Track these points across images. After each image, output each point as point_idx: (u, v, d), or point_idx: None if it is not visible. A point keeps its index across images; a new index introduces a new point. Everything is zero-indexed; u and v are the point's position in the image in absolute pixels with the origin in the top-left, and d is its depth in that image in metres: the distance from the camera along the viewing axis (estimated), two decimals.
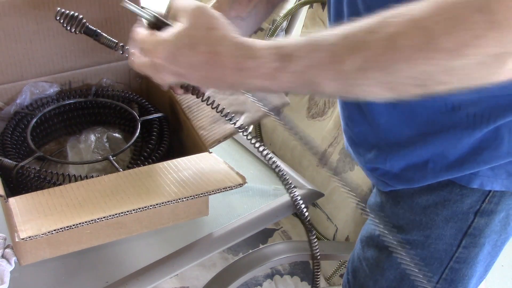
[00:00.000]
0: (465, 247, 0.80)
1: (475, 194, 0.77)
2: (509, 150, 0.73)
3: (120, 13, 1.04)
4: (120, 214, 0.74)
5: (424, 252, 0.82)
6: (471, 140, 0.74)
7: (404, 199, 0.82)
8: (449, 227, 0.80)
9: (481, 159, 0.74)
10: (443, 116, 0.73)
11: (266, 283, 1.20)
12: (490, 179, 0.76)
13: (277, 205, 0.99)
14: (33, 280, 0.84)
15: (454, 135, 0.74)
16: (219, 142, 0.89)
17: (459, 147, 0.74)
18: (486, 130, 0.72)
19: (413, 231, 0.82)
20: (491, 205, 0.78)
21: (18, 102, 1.02)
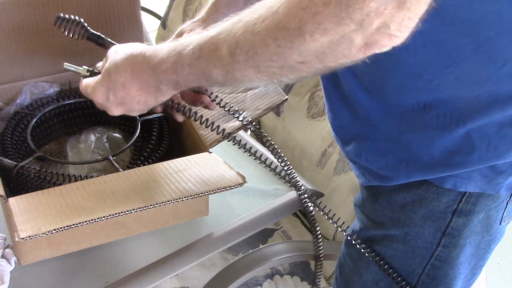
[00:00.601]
0: (444, 246, 0.80)
1: (451, 193, 0.78)
2: (480, 156, 0.73)
3: (120, 13, 1.04)
4: (120, 213, 0.74)
5: (405, 247, 0.83)
6: (442, 142, 0.74)
7: (383, 196, 0.83)
8: (427, 226, 0.80)
9: (453, 163, 0.75)
10: (415, 115, 0.73)
11: (266, 283, 1.20)
12: (463, 180, 0.76)
13: (277, 205, 1.00)
14: (33, 280, 0.84)
15: (426, 135, 0.74)
16: (219, 142, 0.90)
17: (431, 149, 0.75)
18: (456, 133, 0.72)
19: (393, 228, 0.83)
20: (469, 205, 0.78)
21: (18, 102, 1.02)
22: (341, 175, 1.21)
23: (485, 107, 0.70)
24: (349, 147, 0.84)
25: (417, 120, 0.74)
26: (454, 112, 0.71)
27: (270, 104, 0.92)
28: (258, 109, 0.91)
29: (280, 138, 1.41)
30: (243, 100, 0.93)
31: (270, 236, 1.31)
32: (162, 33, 1.82)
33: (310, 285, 1.22)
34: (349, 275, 0.90)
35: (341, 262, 0.93)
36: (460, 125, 0.72)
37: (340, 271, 0.93)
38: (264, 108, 0.91)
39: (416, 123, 0.74)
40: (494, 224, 0.80)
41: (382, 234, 0.85)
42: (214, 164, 0.86)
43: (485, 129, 0.72)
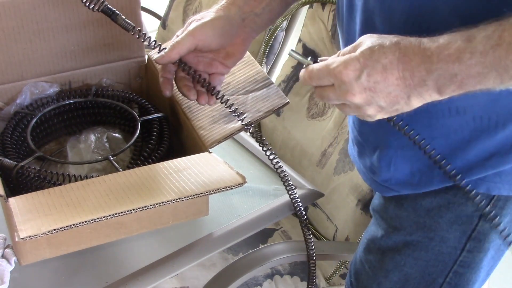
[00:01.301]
0: (469, 251, 0.79)
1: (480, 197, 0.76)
2: None
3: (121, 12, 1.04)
4: (120, 213, 0.74)
5: (428, 255, 0.82)
6: (479, 145, 0.72)
7: (408, 201, 0.82)
8: (453, 230, 0.79)
9: (490, 164, 0.73)
10: (447, 120, 0.72)
11: (266, 283, 1.20)
12: (497, 185, 0.75)
13: (277, 205, 1.00)
14: (33, 280, 0.84)
15: (462, 138, 0.72)
16: (219, 142, 0.90)
17: (466, 152, 0.73)
18: (495, 135, 0.71)
19: (417, 232, 0.81)
20: (496, 209, 0.77)
21: (18, 102, 1.02)
22: (341, 175, 1.21)
23: None
24: (374, 157, 0.82)
25: (451, 125, 0.72)
26: (492, 115, 0.69)
27: (272, 107, 0.92)
28: (260, 111, 0.91)
29: (280, 138, 1.41)
30: (244, 102, 0.93)
31: (270, 236, 1.31)
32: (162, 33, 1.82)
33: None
34: (367, 282, 0.89)
35: (358, 268, 0.91)
36: (499, 127, 0.70)
37: (356, 278, 0.92)
38: (265, 110, 0.91)
39: (449, 127, 0.72)
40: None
41: (403, 240, 0.83)
42: (214, 164, 0.85)
43: None
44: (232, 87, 0.95)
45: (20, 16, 0.96)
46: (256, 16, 0.83)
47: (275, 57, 1.53)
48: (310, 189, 1.05)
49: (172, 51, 0.80)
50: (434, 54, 0.59)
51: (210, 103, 0.86)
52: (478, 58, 0.57)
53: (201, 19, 0.81)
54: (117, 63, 1.09)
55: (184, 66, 0.82)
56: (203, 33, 0.80)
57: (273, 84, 0.96)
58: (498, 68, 0.56)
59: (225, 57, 0.84)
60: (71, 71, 1.06)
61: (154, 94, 1.10)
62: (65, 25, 1.01)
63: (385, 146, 0.80)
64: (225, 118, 0.91)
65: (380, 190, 0.85)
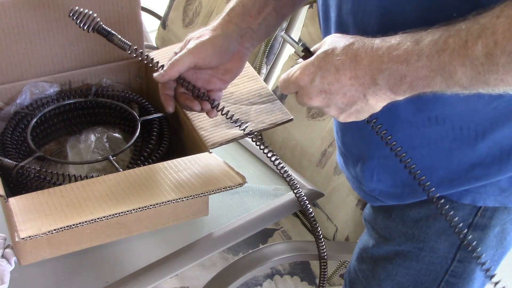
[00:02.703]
0: (460, 261, 0.79)
1: (467, 207, 0.76)
2: (500, 168, 0.72)
3: (120, 13, 1.04)
4: (120, 213, 0.74)
5: (419, 265, 0.82)
6: (461, 155, 0.72)
7: (396, 212, 0.81)
8: (442, 240, 0.79)
9: (472, 175, 0.73)
10: (427, 129, 0.71)
11: (266, 283, 1.20)
12: (482, 196, 0.75)
13: (277, 205, 1.00)
14: (33, 280, 0.84)
15: (442, 148, 0.72)
16: (220, 145, 0.89)
17: (449, 162, 0.73)
18: (476, 145, 0.71)
19: (406, 243, 0.81)
20: (484, 219, 0.76)
21: (18, 102, 1.02)
22: (341, 175, 1.21)
23: (504, 117, 0.68)
24: (357, 168, 0.82)
25: (430, 135, 0.72)
26: (471, 125, 0.69)
27: (275, 121, 0.92)
28: (263, 122, 0.92)
29: (280, 138, 1.41)
30: (247, 112, 0.93)
31: (270, 236, 1.31)
32: (162, 33, 1.82)
33: (310, 285, 1.22)
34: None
35: (352, 277, 0.92)
36: (479, 137, 0.70)
37: (351, 287, 0.92)
38: (269, 123, 0.92)
39: (429, 137, 0.72)
40: (508, 237, 0.80)
41: (394, 250, 0.83)
42: (214, 164, 0.85)
43: (505, 140, 0.70)
44: (236, 96, 0.95)
45: (20, 16, 0.96)
46: (253, 32, 0.83)
47: (275, 57, 1.53)
48: (310, 189, 1.05)
49: (172, 69, 0.80)
50: (385, 54, 0.60)
51: (211, 116, 0.86)
52: (424, 61, 0.58)
53: (199, 37, 0.82)
54: (117, 63, 1.09)
55: (183, 82, 0.82)
56: (203, 51, 0.80)
57: (277, 101, 0.96)
58: (443, 73, 0.57)
59: (224, 73, 0.84)
60: (71, 71, 1.06)
61: (154, 94, 1.10)
62: (65, 25, 1.01)
63: (367, 157, 0.80)
64: (227, 124, 0.92)
65: (368, 199, 0.85)
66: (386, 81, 0.61)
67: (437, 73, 0.58)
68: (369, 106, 0.65)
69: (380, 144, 0.71)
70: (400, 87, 0.61)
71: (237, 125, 0.83)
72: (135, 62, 1.10)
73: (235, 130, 0.90)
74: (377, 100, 0.64)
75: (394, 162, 0.74)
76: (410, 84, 0.60)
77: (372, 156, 0.79)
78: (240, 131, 0.87)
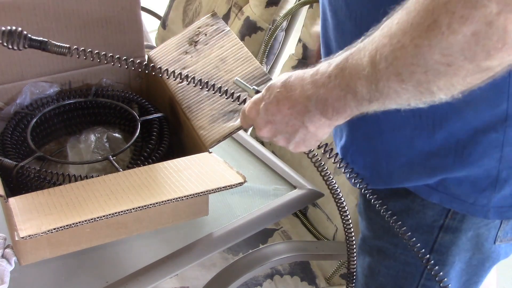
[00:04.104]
0: (434, 264, 0.79)
1: (437, 207, 0.77)
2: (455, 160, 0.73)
3: (120, 13, 1.04)
4: (120, 213, 0.74)
5: (397, 264, 0.82)
6: (420, 143, 0.73)
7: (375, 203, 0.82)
8: (415, 238, 0.78)
9: (429, 165, 0.74)
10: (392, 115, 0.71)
11: (266, 283, 1.20)
12: (448, 197, 0.75)
13: (277, 205, 0.99)
14: (33, 280, 0.84)
15: (405, 134, 0.74)
16: (218, 142, 0.90)
17: (410, 149, 0.74)
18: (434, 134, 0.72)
19: (384, 237, 0.82)
20: (455, 222, 0.77)
21: (18, 102, 1.02)
22: (341, 175, 1.21)
23: (458, 109, 0.69)
24: (341, 142, 0.84)
25: (395, 121, 0.73)
26: (429, 113, 0.70)
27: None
28: None
29: None
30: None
31: (270, 236, 1.31)
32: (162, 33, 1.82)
33: (311, 285, 1.22)
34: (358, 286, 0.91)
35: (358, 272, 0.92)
36: (436, 127, 0.71)
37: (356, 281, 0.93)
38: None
39: (394, 123, 0.74)
40: (486, 243, 0.79)
41: (376, 246, 0.85)
42: (214, 164, 0.86)
43: (460, 133, 0.71)
44: (231, 85, 0.95)
45: (20, 16, 0.97)
46: None
47: (275, 57, 1.53)
48: (310, 189, 1.05)
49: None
50: (310, 81, 0.64)
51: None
52: (334, 82, 0.60)
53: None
54: None
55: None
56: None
57: (271, 80, 0.95)
58: (349, 90, 0.59)
59: None
60: (71, 71, 1.06)
61: (154, 94, 1.10)
62: (65, 25, 1.01)
63: (348, 135, 0.82)
64: (224, 117, 0.92)
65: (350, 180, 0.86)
66: (315, 107, 0.64)
67: (347, 92, 0.60)
68: (311, 134, 0.68)
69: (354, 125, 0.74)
70: (328, 111, 0.63)
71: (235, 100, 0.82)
72: None
73: (231, 123, 0.90)
74: (316, 126, 0.66)
75: (365, 142, 0.77)
76: (333, 107, 0.62)
77: (347, 136, 0.81)
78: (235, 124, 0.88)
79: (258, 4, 1.53)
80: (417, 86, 0.54)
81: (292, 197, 1.01)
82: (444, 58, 0.50)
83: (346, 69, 0.59)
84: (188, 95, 0.98)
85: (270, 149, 1.42)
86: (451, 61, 0.50)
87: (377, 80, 0.56)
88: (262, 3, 1.52)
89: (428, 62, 0.51)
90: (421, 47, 0.50)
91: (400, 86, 0.54)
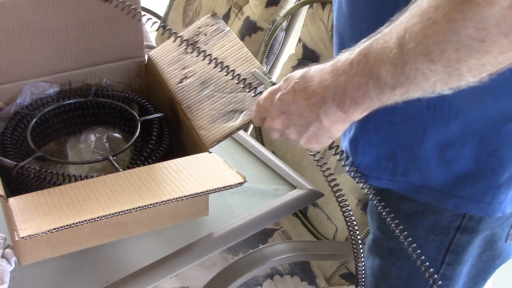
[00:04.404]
0: (449, 264, 0.79)
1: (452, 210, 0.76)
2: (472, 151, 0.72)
3: (120, 13, 1.04)
4: (120, 213, 0.74)
5: (409, 265, 0.82)
6: (434, 134, 0.72)
7: (390, 205, 0.81)
8: (430, 240, 0.79)
9: (445, 156, 0.73)
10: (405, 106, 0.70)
11: (266, 283, 1.20)
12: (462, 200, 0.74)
13: (277, 205, 0.99)
14: (33, 280, 0.84)
15: (418, 126, 0.73)
16: (219, 142, 0.90)
17: (424, 140, 0.73)
18: (449, 125, 0.71)
19: (398, 237, 0.82)
20: (472, 222, 0.76)
21: (18, 102, 1.02)
22: (341, 175, 1.21)
23: (476, 98, 0.67)
24: (345, 141, 0.83)
25: (408, 112, 0.72)
26: (445, 104, 0.69)
27: None
28: None
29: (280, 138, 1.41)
30: (243, 100, 0.93)
31: (270, 236, 1.31)
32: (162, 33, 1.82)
33: (311, 285, 1.22)
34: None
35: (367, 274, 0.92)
36: (452, 117, 0.70)
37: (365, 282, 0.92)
38: None
39: (407, 114, 0.73)
40: (499, 241, 0.79)
41: (389, 247, 0.83)
42: (214, 164, 0.86)
43: (477, 124, 0.70)
44: (231, 84, 0.95)
45: (20, 16, 0.96)
46: None
47: (275, 57, 1.53)
48: (310, 189, 1.05)
49: None
50: (329, 70, 0.63)
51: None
52: (356, 68, 0.59)
53: None
54: (117, 63, 1.09)
55: None
56: None
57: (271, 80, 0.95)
58: (372, 76, 0.58)
59: None
60: (71, 71, 1.06)
61: (154, 94, 1.10)
62: (65, 25, 1.01)
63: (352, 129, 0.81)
64: (224, 117, 0.92)
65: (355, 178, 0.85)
66: (332, 97, 0.63)
67: (369, 78, 0.59)
68: (325, 128, 0.66)
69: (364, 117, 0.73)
70: (345, 102, 0.62)
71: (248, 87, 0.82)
72: (135, 62, 1.10)
73: (231, 123, 0.90)
74: (330, 120, 0.65)
75: (377, 135, 0.76)
76: (351, 97, 0.61)
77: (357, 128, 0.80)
78: (235, 124, 0.87)
79: (258, 4, 1.53)
80: (447, 66, 0.52)
81: (292, 197, 1.01)
82: (478, 32, 0.48)
83: (370, 54, 0.58)
84: (188, 95, 0.98)
85: (270, 149, 1.42)
86: (485, 36, 0.48)
87: (404, 63, 0.54)
88: (262, 3, 1.52)
89: (461, 38, 0.49)
90: (455, 21, 0.49)
91: (429, 67, 0.53)
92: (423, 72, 0.54)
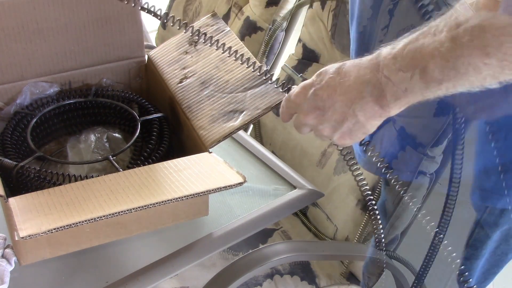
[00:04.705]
0: (467, 259, 0.79)
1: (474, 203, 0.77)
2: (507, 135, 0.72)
3: (120, 13, 1.04)
4: (120, 213, 0.74)
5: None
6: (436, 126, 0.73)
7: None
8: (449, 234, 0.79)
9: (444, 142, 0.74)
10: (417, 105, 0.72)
11: (266, 283, 1.20)
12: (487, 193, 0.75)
13: (277, 205, 0.99)
14: (33, 280, 0.84)
15: (422, 119, 0.73)
16: (219, 142, 0.90)
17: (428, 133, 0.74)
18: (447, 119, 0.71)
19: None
20: (493, 216, 0.76)
21: (18, 102, 1.02)
22: (341, 175, 1.21)
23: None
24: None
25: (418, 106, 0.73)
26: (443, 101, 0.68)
27: (270, 103, 0.92)
28: (258, 108, 0.91)
29: (280, 138, 1.41)
30: (243, 100, 0.93)
31: (270, 236, 1.31)
32: (162, 33, 1.82)
33: (311, 284, 1.22)
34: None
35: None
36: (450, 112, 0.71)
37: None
38: (263, 107, 0.91)
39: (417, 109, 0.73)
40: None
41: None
42: (214, 164, 0.86)
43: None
44: (231, 84, 0.95)
45: (20, 16, 0.96)
46: None
47: (275, 57, 1.53)
48: (310, 189, 1.05)
49: None
50: (370, 65, 0.61)
51: None
52: (400, 62, 0.58)
53: None
54: (117, 63, 1.09)
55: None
56: None
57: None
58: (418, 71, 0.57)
59: None
60: (71, 71, 1.06)
61: (154, 94, 1.10)
62: (65, 25, 1.01)
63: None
64: (224, 117, 0.92)
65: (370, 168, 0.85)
66: (370, 93, 0.62)
67: (414, 73, 0.57)
68: (360, 124, 0.65)
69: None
70: (384, 98, 0.61)
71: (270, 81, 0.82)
72: (135, 62, 1.10)
73: (231, 123, 0.90)
74: (366, 116, 0.64)
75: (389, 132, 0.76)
76: (392, 92, 0.60)
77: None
78: (235, 124, 0.87)
79: (258, 4, 1.53)
80: (502, 60, 0.51)
81: (292, 197, 1.01)
82: None
83: (416, 49, 0.57)
84: (188, 95, 0.98)
85: (270, 149, 1.42)
86: None
87: (456, 57, 0.53)
88: (262, 3, 1.52)
89: None
90: None
91: (483, 61, 0.52)
92: (476, 66, 0.53)
